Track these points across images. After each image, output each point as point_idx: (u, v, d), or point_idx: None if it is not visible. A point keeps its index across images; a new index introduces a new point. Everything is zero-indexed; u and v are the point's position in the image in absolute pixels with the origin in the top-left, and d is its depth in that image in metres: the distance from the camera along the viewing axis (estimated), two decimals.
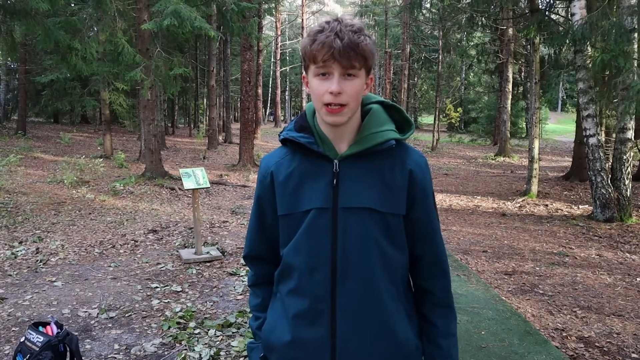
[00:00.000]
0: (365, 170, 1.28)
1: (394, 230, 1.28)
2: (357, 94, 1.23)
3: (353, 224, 1.25)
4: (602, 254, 6.12)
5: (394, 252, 1.29)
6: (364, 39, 1.19)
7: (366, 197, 1.26)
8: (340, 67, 1.19)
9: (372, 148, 1.26)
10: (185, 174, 5.86)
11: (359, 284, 1.25)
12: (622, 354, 3.51)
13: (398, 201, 1.28)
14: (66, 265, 5.50)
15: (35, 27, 9.14)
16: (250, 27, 13.19)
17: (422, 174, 1.31)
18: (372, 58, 1.22)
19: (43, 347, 2.84)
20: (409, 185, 1.29)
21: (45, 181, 10.56)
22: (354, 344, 1.25)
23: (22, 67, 19.66)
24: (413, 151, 1.33)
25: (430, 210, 1.34)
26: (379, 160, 1.29)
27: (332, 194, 1.27)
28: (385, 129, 1.28)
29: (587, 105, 8.04)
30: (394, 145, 1.28)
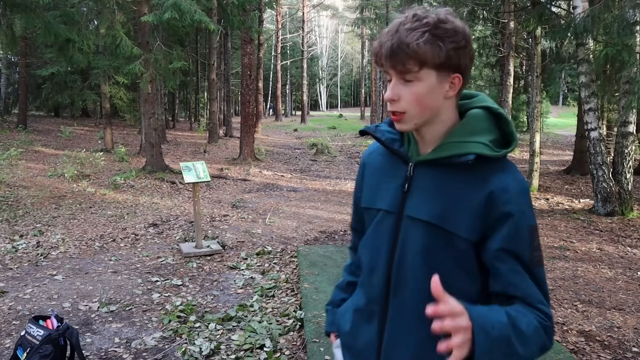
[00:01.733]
0: (439, 180, 1.15)
1: (461, 254, 1.12)
2: (418, 100, 1.09)
3: (413, 236, 1.15)
4: (603, 248, 6.12)
5: (459, 278, 1.13)
6: (420, 36, 1.03)
7: (430, 209, 1.13)
8: (395, 72, 1.09)
9: (447, 158, 1.12)
10: (185, 167, 5.85)
11: (412, 299, 1.16)
12: (623, 347, 3.51)
13: (466, 223, 1.10)
14: (67, 258, 5.50)
15: (35, 21, 9.11)
16: (250, 20, 13.14)
17: (507, 199, 1.08)
18: (436, 55, 1.05)
19: (43, 341, 2.85)
20: (486, 210, 1.09)
21: (46, 175, 10.56)
22: (397, 355, 1.20)
23: (22, 61, 19.61)
24: (507, 172, 1.11)
25: (519, 246, 1.08)
26: (458, 173, 1.13)
27: (401, 199, 1.19)
28: (472, 140, 1.11)
29: (588, 98, 8.01)
30: (471, 160, 1.09)
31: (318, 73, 56.70)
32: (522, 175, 1.13)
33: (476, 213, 1.09)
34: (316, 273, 4.80)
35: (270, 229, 7.07)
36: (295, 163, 15.57)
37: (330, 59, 61.17)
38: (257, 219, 7.66)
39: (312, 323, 3.65)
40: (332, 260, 5.21)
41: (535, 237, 1.11)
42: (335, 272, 4.83)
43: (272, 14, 40.21)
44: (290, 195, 9.97)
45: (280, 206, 8.76)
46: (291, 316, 3.92)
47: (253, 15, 13.49)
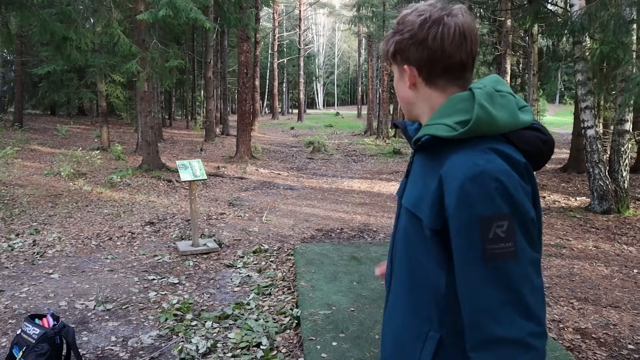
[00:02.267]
0: (419, 166, 1.16)
1: (429, 242, 1.07)
2: (398, 91, 1.20)
3: (402, 221, 1.20)
4: (599, 245, 6.13)
5: (433, 270, 1.08)
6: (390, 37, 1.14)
7: (409, 196, 1.16)
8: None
9: (415, 142, 1.12)
10: (182, 165, 5.84)
11: (397, 280, 1.22)
12: (619, 345, 3.52)
13: (428, 209, 1.05)
14: (63, 257, 5.48)
15: (31, 19, 9.07)
16: (247, 18, 13.10)
17: (453, 185, 0.98)
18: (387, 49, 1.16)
19: (39, 340, 2.84)
20: (440, 195, 1.02)
21: (42, 173, 10.53)
22: (384, 340, 1.26)
23: (18, 59, 19.52)
24: (463, 155, 1.01)
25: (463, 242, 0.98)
26: (427, 158, 1.12)
27: (404, 185, 1.25)
28: (436, 122, 1.07)
29: (585, 96, 8.02)
30: (421, 142, 1.08)
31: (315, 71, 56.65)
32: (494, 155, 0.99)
33: (432, 199, 1.04)
34: (313, 271, 4.80)
35: (267, 227, 7.06)
36: (292, 161, 15.56)
37: (327, 57, 61.11)
38: (254, 217, 7.66)
39: (309, 321, 3.65)
40: (329, 258, 5.21)
41: (492, 228, 0.94)
42: (331, 270, 4.84)
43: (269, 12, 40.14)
44: (287, 193, 9.96)
45: (276, 204, 8.75)
46: (288, 314, 3.92)
47: (250, 12, 13.45)
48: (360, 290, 4.32)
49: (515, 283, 0.94)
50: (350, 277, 4.64)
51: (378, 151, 17.97)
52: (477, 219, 0.95)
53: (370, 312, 3.84)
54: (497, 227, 0.94)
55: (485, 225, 0.94)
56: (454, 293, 1.04)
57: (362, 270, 4.85)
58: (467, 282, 0.98)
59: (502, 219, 0.94)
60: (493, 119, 1.02)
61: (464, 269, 0.98)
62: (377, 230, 6.95)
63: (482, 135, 1.02)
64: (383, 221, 7.51)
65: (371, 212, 8.15)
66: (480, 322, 0.96)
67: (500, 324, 0.93)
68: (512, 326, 0.93)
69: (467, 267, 0.97)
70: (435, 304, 1.09)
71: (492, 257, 0.94)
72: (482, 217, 0.95)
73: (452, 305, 1.06)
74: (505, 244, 0.94)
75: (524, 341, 0.93)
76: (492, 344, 0.94)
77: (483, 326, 0.95)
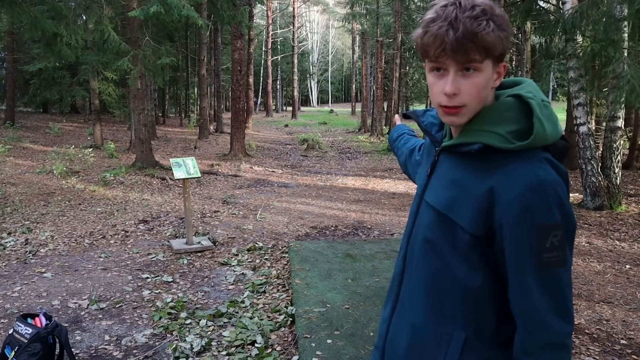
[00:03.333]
0: (453, 167, 1.13)
1: (466, 246, 1.07)
2: (478, 92, 1.04)
3: (424, 219, 1.17)
4: (592, 241, 6.17)
5: (465, 271, 1.08)
6: (485, 25, 0.99)
7: (439, 196, 1.14)
8: (455, 63, 1.02)
9: (458, 146, 1.10)
10: (175, 163, 5.82)
11: (414, 280, 1.19)
12: (612, 340, 3.55)
13: (470, 215, 1.05)
14: (56, 256, 5.45)
15: (21, 16, 8.99)
16: (241, 15, 13.05)
17: (509, 195, 0.99)
18: (498, 45, 1.01)
19: (32, 339, 2.82)
20: (488, 204, 1.03)
21: (35, 171, 10.46)
22: (397, 336, 1.22)
23: (9, 56, 19.36)
24: (519, 165, 1.01)
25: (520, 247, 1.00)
26: (469, 161, 1.10)
27: (425, 183, 1.22)
28: (487, 130, 1.05)
29: (577, 93, 8.06)
30: (474, 150, 1.05)
31: (309, 68, 56.59)
32: (549, 167, 1.01)
33: (479, 207, 1.04)
34: (307, 269, 4.80)
35: (261, 224, 7.05)
36: (286, 159, 15.55)
37: (321, 55, 61.05)
38: (248, 215, 7.64)
39: (304, 319, 3.65)
40: (323, 256, 5.21)
41: (549, 236, 0.98)
42: (326, 267, 4.84)
43: (263, 9, 40.03)
44: (281, 191, 9.95)
45: (271, 202, 8.74)
46: (282, 312, 3.92)
47: (243, 10, 13.40)
48: (354, 287, 4.33)
49: (564, 289, 1.01)
50: (345, 275, 4.64)
51: (372, 148, 17.98)
52: (536, 229, 0.98)
53: (364, 310, 3.84)
54: (553, 237, 0.99)
55: (544, 234, 0.98)
56: (487, 293, 1.08)
57: (356, 267, 4.86)
58: (523, 289, 1.01)
59: (557, 228, 0.99)
60: (546, 132, 1.03)
61: (521, 277, 1.01)
62: (372, 227, 6.96)
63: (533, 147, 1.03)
64: (377, 218, 7.52)
65: (365, 210, 8.16)
66: (534, 329, 1.01)
67: (551, 331, 1.00)
68: (560, 332, 1.01)
69: (524, 275, 1.01)
70: (463, 304, 1.10)
71: (547, 265, 0.99)
72: (541, 226, 0.98)
73: (481, 304, 1.09)
74: (558, 252, 0.99)
75: (566, 344, 1.01)
76: (543, 349, 1.01)
77: (537, 332, 1.01)
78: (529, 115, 1.05)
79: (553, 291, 1.00)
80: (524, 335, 1.02)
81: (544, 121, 1.03)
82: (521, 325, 1.03)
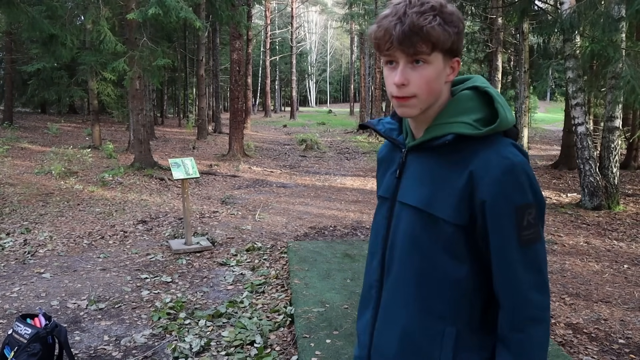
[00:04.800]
0: (426, 164, 1.16)
1: (449, 239, 1.11)
2: (427, 84, 1.08)
3: (402, 220, 1.18)
4: (590, 241, 6.18)
5: (450, 265, 1.12)
6: (431, 19, 1.03)
7: (416, 194, 1.15)
8: (404, 55, 1.07)
9: (429, 141, 1.13)
10: (174, 164, 5.82)
11: (398, 282, 1.19)
12: (610, 339, 3.56)
13: (451, 206, 1.10)
14: (54, 256, 5.45)
15: (19, 16, 8.98)
16: (239, 15, 13.05)
17: (489, 179, 1.05)
18: (447, 39, 1.06)
19: (31, 339, 2.82)
20: (469, 191, 1.08)
21: (33, 172, 10.44)
22: (385, 342, 1.21)
23: (7, 56, 19.33)
24: (491, 150, 1.07)
25: (502, 228, 1.06)
26: (442, 155, 1.14)
27: (395, 184, 1.23)
28: (454, 121, 1.11)
29: (575, 94, 8.08)
30: (448, 141, 1.09)
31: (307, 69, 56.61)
32: (519, 151, 1.09)
33: (460, 196, 1.09)
34: (306, 269, 4.80)
35: (260, 225, 7.05)
36: (285, 159, 15.55)
37: (320, 55, 61.07)
38: (247, 215, 7.65)
39: (303, 319, 3.66)
40: (322, 256, 5.22)
41: (525, 216, 1.05)
42: (325, 267, 4.84)
43: (261, 10, 40.03)
44: (280, 191, 9.96)
45: (269, 202, 8.74)
46: (281, 312, 3.92)
47: (242, 10, 13.40)
48: (353, 287, 4.33)
49: (541, 264, 1.09)
50: (344, 275, 4.65)
51: (371, 148, 17.99)
52: (514, 209, 1.05)
53: None
54: (528, 215, 1.06)
55: (521, 214, 1.05)
56: (472, 283, 1.13)
57: (355, 267, 4.86)
58: (507, 268, 1.08)
59: (531, 207, 1.06)
60: (507, 117, 1.11)
61: (504, 256, 1.07)
62: (370, 227, 6.96)
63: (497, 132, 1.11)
64: None
65: (364, 210, 8.17)
66: (519, 304, 1.07)
67: (534, 305, 1.07)
68: (542, 305, 1.08)
69: (507, 254, 1.07)
70: (451, 299, 1.13)
71: (527, 242, 1.07)
72: (518, 207, 1.05)
73: (468, 296, 1.13)
74: (534, 229, 1.07)
75: (546, 317, 1.09)
76: (528, 323, 1.07)
77: (522, 308, 1.07)
78: (488, 104, 1.14)
79: (533, 267, 1.07)
80: (510, 313, 1.08)
81: (504, 107, 1.12)
82: (506, 303, 1.08)
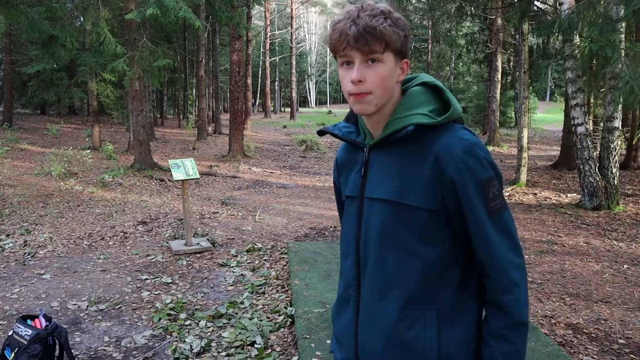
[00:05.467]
0: (389, 158, 1.22)
1: (422, 225, 1.17)
2: (382, 81, 1.15)
3: (374, 215, 1.22)
4: (590, 241, 6.19)
5: (424, 249, 1.17)
6: (383, 21, 1.12)
7: (385, 188, 1.20)
8: (359, 54, 1.14)
9: (391, 135, 1.19)
10: (174, 165, 5.82)
11: (375, 277, 1.22)
12: (610, 339, 3.56)
13: (422, 193, 1.16)
14: (55, 257, 5.45)
15: (18, 17, 8.98)
16: (238, 16, 13.07)
17: (453, 159, 1.13)
18: (397, 40, 1.14)
19: (32, 340, 2.82)
20: (436, 175, 1.15)
21: (33, 173, 10.45)
22: (370, 339, 1.24)
23: (7, 58, 19.34)
24: (449, 135, 1.16)
25: (473, 204, 1.14)
26: (404, 147, 1.20)
27: (361, 183, 1.27)
28: (411, 113, 1.18)
29: (575, 94, 8.08)
30: (410, 131, 1.16)
31: (307, 69, 56.63)
32: (471, 133, 1.18)
33: (428, 181, 1.15)
34: (306, 269, 4.81)
35: (260, 225, 7.06)
36: (285, 160, 15.55)
37: (319, 55, 61.08)
38: (247, 216, 7.65)
39: (303, 319, 3.66)
40: (322, 257, 5.22)
41: (490, 189, 1.14)
42: (325, 268, 4.84)
43: (261, 10, 40.03)
44: (280, 192, 9.96)
45: (270, 203, 8.75)
46: (282, 313, 3.92)
47: (241, 11, 13.42)
48: None
49: (511, 229, 1.18)
50: None
51: None
52: (480, 185, 1.14)
53: None
54: (492, 187, 1.15)
55: (486, 187, 1.14)
56: (447, 263, 1.19)
57: None
58: (484, 239, 1.15)
59: (493, 180, 1.16)
60: (457, 107, 1.21)
61: (480, 229, 1.15)
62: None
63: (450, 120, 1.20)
64: None
65: None
66: (502, 269, 1.16)
67: (514, 268, 1.16)
68: (520, 265, 1.17)
69: (482, 226, 1.15)
70: (428, 282, 1.19)
71: (495, 212, 1.16)
72: (482, 182, 1.14)
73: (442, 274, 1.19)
74: (499, 199, 1.16)
75: (524, 275, 1.18)
76: (513, 284, 1.16)
77: (505, 272, 1.16)
78: (438, 96, 1.23)
79: (505, 233, 1.16)
80: (497, 277, 1.16)
81: (453, 98, 1.22)
82: (491, 270, 1.17)
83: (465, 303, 1.21)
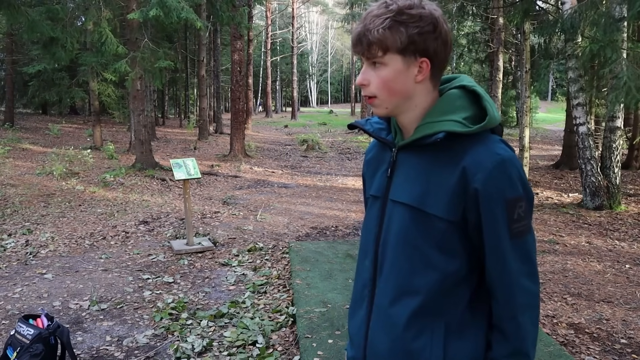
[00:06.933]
0: (418, 163, 1.17)
1: (441, 235, 1.13)
2: (384, 84, 1.12)
3: (395, 218, 1.19)
4: (591, 241, 6.18)
5: (441, 260, 1.14)
6: (381, 22, 1.07)
7: (409, 192, 1.16)
8: (363, 57, 1.13)
9: (420, 140, 1.14)
10: (176, 164, 5.82)
11: (389, 281, 1.19)
12: (612, 339, 3.55)
13: (443, 203, 1.11)
14: (56, 257, 5.46)
15: (19, 18, 8.98)
16: (240, 16, 13.06)
17: (481, 174, 1.07)
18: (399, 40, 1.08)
19: (34, 340, 2.82)
20: (461, 187, 1.09)
21: (34, 173, 10.46)
22: (378, 341, 1.22)
23: (8, 58, 19.37)
24: (482, 147, 1.10)
25: (495, 222, 1.08)
26: (434, 153, 1.15)
27: (386, 183, 1.23)
28: (444, 119, 1.12)
29: (577, 93, 8.07)
30: (440, 139, 1.10)
31: (308, 69, 56.60)
32: (507, 147, 1.12)
33: (453, 192, 1.10)
34: (308, 269, 4.81)
35: (262, 225, 7.06)
36: (286, 159, 15.55)
37: (321, 55, 61.06)
38: (249, 216, 7.65)
39: (304, 319, 3.66)
40: (324, 256, 5.22)
41: (516, 209, 1.08)
42: (326, 267, 4.84)
43: (262, 10, 40.03)
44: (281, 192, 9.96)
45: (271, 202, 8.75)
46: (283, 312, 3.92)
47: (242, 11, 13.40)
48: None
49: (532, 254, 1.13)
50: (346, 275, 4.65)
51: None
52: (505, 203, 1.08)
53: None
54: (519, 208, 1.09)
55: (512, 207, 1.08)
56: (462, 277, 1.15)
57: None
58: (500, 259, 1.10)
59: (521, 200, 1.09)
60: (495, 115, 1.13)
61: (497, 249, 1.10)
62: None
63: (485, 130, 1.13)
64: None
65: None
66: (514, 293, 1.11)
67: (528, 293, 1.12)
68: (534, 293, 1.13)
69: (499, 246, 1.10)
70: (441, 293, 1.15)
71: (518, 235, 1.10)
72: (508, 200, 1.08)
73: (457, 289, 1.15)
74: (525, 221, 1.11)
75: (537, 302, 1.14)
76: (523, 310, 1.12)
77: (517, 297, 1.11)
78: (476, 102, 1.16)
79: (525, 257, 1.11)
80: (504, 302, 1.12)
81: (492, 105, 1.14)
82: (500, 293, 1.12)
83: (476, 318, 1.17)
